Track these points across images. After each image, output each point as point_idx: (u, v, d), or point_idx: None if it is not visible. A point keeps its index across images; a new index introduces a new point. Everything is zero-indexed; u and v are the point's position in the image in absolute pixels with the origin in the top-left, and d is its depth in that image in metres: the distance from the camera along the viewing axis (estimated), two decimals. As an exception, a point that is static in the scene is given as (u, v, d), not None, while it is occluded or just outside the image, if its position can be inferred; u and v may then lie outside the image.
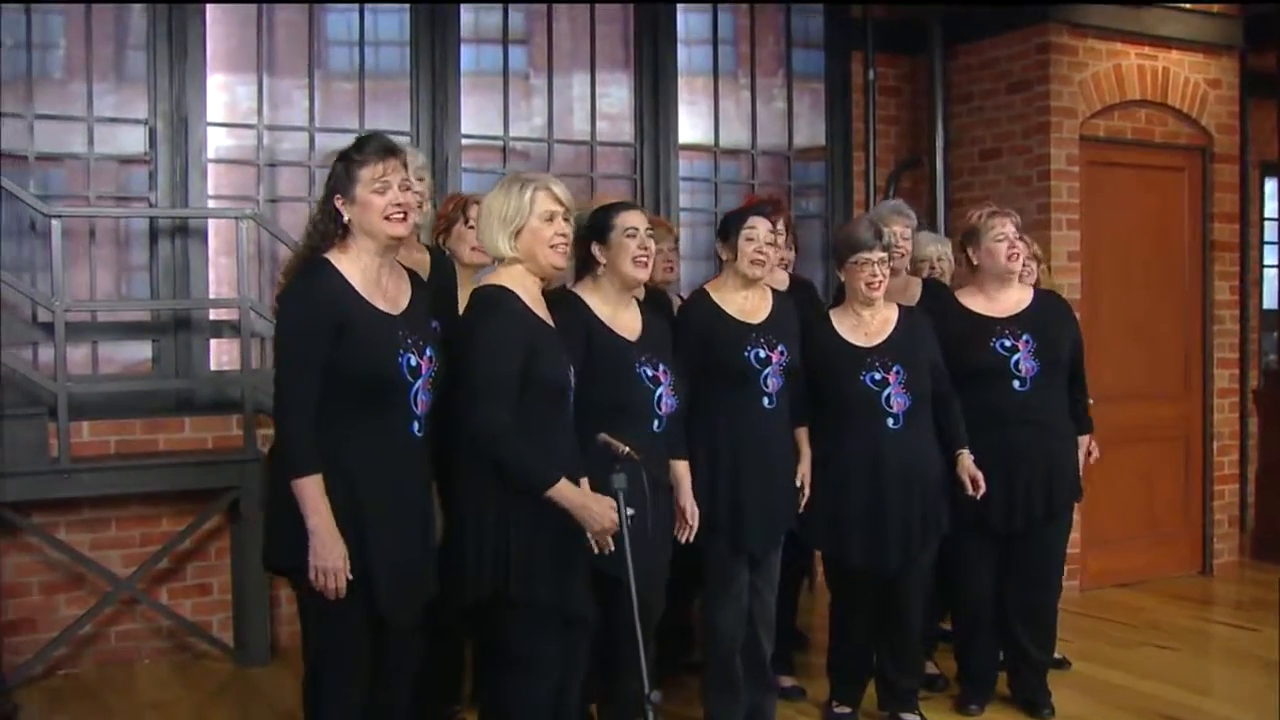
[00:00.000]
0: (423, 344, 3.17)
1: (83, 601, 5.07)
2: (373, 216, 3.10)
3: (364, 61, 5.68)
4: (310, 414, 3.01)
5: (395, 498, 3.10)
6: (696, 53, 6.44)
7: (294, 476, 2.99)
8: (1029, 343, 4.38)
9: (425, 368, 3.15)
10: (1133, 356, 6.48)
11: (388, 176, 3.11)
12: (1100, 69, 6.29)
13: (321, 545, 2.98)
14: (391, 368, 3.08)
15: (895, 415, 4.19)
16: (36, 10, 5.13)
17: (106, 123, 5.26)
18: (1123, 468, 6.45)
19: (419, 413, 3.15)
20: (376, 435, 3.08)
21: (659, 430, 3.72)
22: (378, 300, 3.14)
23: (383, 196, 3.10)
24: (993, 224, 4.44)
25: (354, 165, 3.12)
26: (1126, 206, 6.47)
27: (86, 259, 5.24)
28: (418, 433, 3.16)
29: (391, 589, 3.08)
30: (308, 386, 3.01)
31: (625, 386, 3.65)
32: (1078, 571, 6.30)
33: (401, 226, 3.14)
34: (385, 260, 3.19)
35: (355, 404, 3.06)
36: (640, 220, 3.75)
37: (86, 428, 5.07)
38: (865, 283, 4.23)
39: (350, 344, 3.03)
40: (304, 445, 3.00)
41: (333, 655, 3.15)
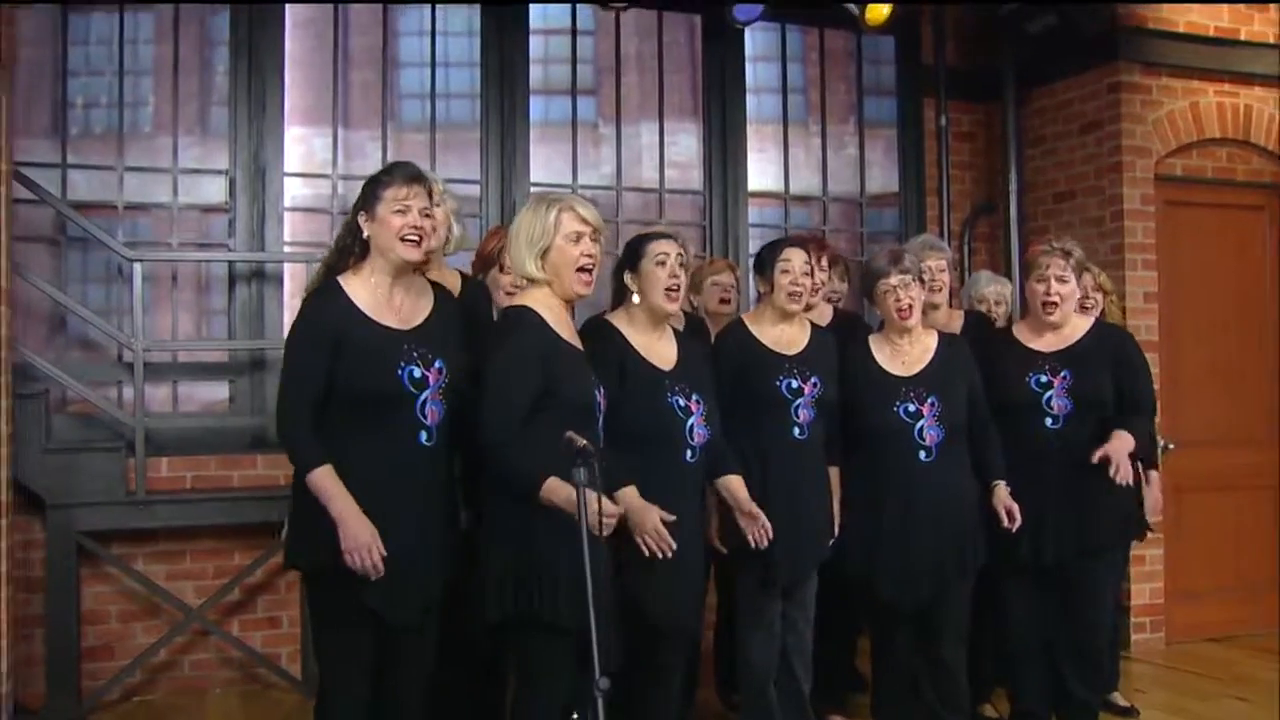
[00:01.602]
0: (431, 357, 3.29)
1: (158, 630, 5.27)
2: (388, 236, 3.27)
3: (435, 113, 5.90)
4: (307, 418, 3.19)
5: (395, 503, 3.21)
6: (766, 101, 6.53)
7: (305, 472, 3.16)
8: (1066, 379, 4.28)
9: (434, 379, 3.27)
10: (1216, 401, 6.29)
11: (409, 200, 3.28)
12: (1175, 107, 6.19)
13: (348, 528, 3.12)
14: (389, 381, 3.22)
15: (928, 448, 4.16)
16: (129, 72, 5.46)
17: (190, 173, 5.55)
18: (1209, 517, 6.27)
19: (429, 423, 3.27)
20: (381, 445, 3.22)
21: (691, 460, 3.75)
22: (386, 318, 3.29)
23: (402, 218, 3.27)
24: (1039, 262, 4.38)
25: (380, 185, 3.31)
26: (1207, 247, 6.32)
27: (169, 303, 5.51)
28: (426, 442, 3.28)
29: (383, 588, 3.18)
30: (304, 394, 3.20)
31: (656, 416, 3.70)
32: (1162, 624, 6.11)
33: (414, 251, 3.29)
34: (399, 281, 3.34)
35: (359, 416, 3.22)
36: (671, 249, 3.80)
37: (165, 463, 5.31)
38: (895, 309, 4.22)
39: (348, 360, 3.20)
40: (306, 443, 3.18)
41: (337, 655, 3.28)
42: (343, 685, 3.28)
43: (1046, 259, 4.36)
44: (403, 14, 5.89)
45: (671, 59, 6.34)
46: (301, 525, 3.28)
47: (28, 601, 5.03)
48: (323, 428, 3.20)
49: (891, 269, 4.23)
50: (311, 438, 3.18)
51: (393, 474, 3.22)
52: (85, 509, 4.99)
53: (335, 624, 3.27)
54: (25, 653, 5.00)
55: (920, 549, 4.15)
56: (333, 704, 3.31)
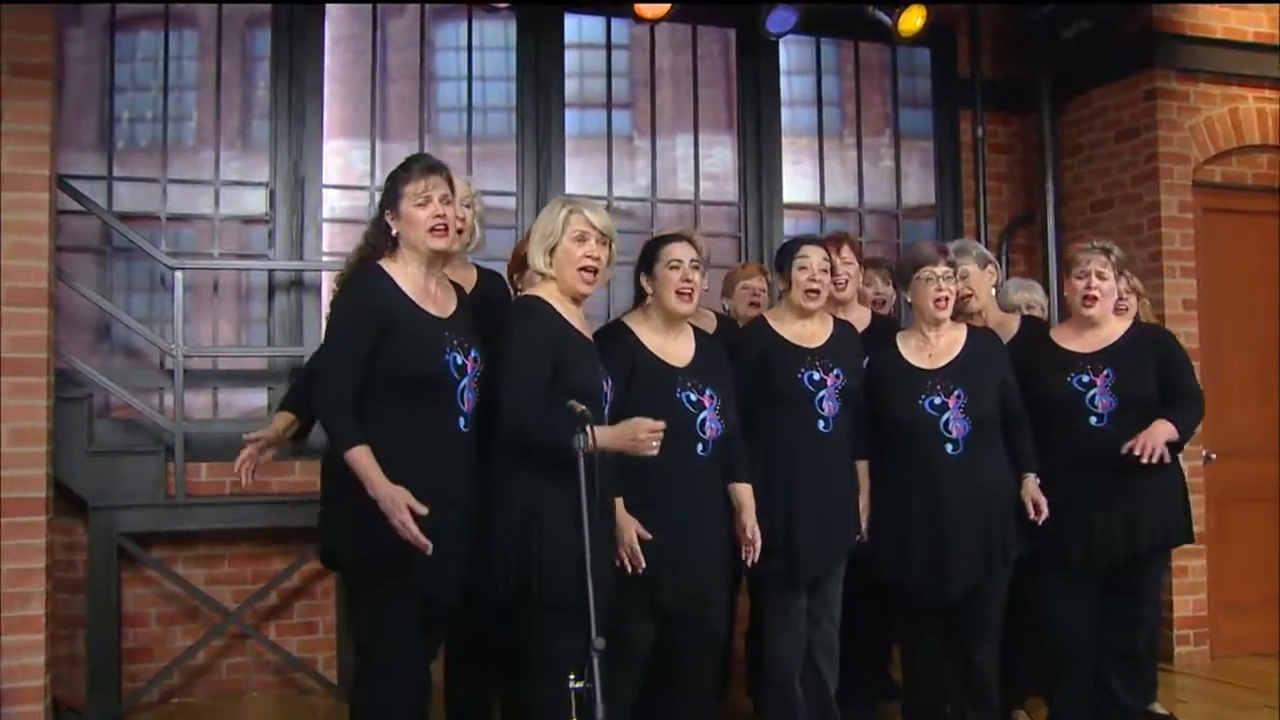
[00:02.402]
0: (468, 346, 3.39)
1: (197, 633, 5.35)
2: (417, 230, 3.36)
3: (471, 126, 6.00)
4: (349, 400, 3.25)
5: (439, 487, 3.26)
6: (801, 114, 6.57)
7: (344, 451, 3.21)
8: (1109, 377, 4.24)
9: (471, 367, 3.37)
10: (1260, 411, 6.19)
11: (429, 191, 3.37)
12: (1214, 113, 6.14)
13: (388, 501, 3.15)
14: (437, 366, 3.30)
15: (955, 441, 4.13)
16: (173, 87, 5.62)
17: (231, 185, 5.68)
18: (1254, 528, 6.16)
19: (466, 410, 3.36)
20: (424, 429, 3.30)
21: (704, 454, 3.78)
22: (427, 305, 3.38)
23: (424, 210, 3.36)
24: (1079, 260, 4.37)
25: (400, 182, 3.41)
26: (1248, 255, 6.23)
27: (210, 312, 5.63)
28: (464, 428, 3.36)
29: (430, 567, 3.22)
30: (348, 377, 3.26)
31: (665, 410, 3.68)
32: (1206, 636, 5.98)
33: (442, 240, 3.38)
34: (432, 271, 3.43)
35: (404, 401, 3.29)
36: (685, 252, 3.86)
37: (204, 469, 5.41)
38: (932, 299, 4.21)
39: (398, 344, 3.28)
40: (347, 424, 3.23)
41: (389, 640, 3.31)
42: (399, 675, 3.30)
43: (1086, 255, 4.35)
44: (440, 29, 6.01)
45: (706, 72, 6.40)
46: (339, 517, 3.33)
47: (70, 603, 5.13)
48: (364, 409, 3.25)
49: (939, 258, 4.24)
50: (351, 419, 3.23)
51: (435, 458, 3.30)
52: (126, 511, 5.10)
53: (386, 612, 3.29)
54: (68, 653, 5.11)
55: (948, 544, 4.10)
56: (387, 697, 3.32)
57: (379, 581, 3.27)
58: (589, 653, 2.76)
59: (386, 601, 3.28)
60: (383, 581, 3.26)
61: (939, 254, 4.25)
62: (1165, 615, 5.86)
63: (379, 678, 3.31)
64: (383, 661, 3.31)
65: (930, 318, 4.25)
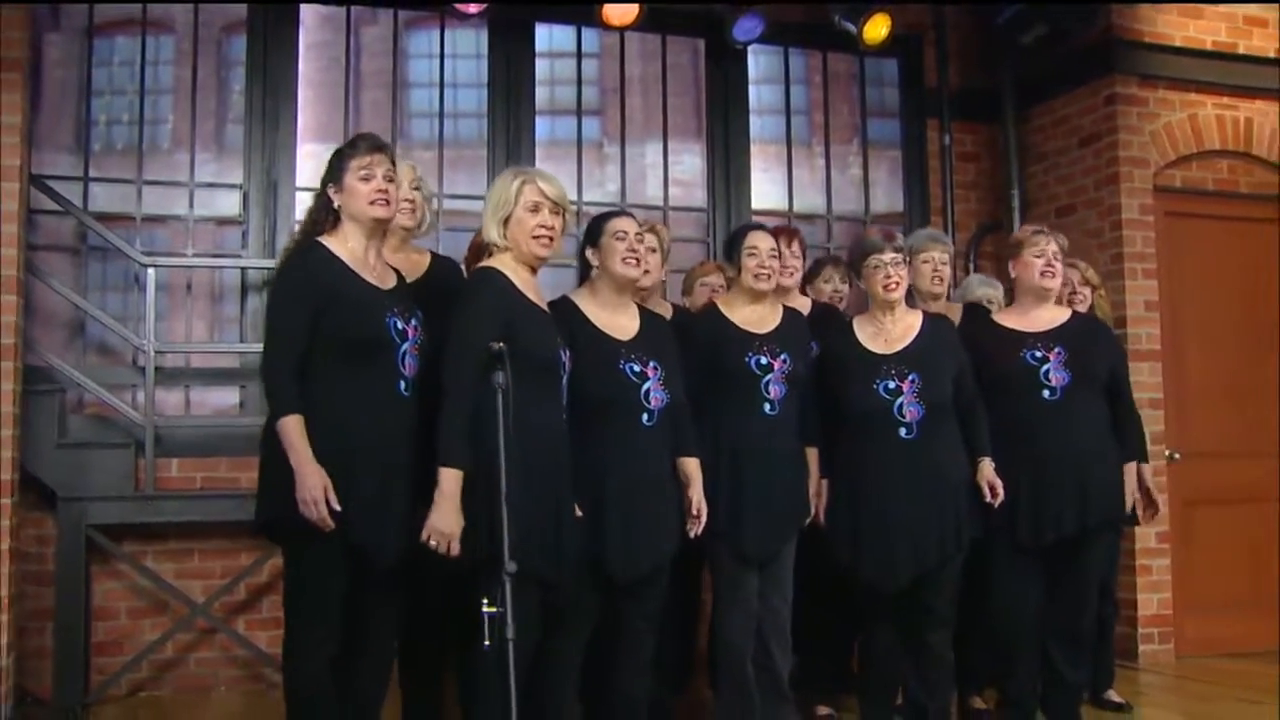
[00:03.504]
0: (408, 314, 3.47)
1: (165, 628, 5.40)
2: (358, 201, 3.46)
3: (443, 132, 6.11)
4: (290, 369, 3.32)
5: (377, 446, 3.35)
6: (769, 122, 6.68)
7: (279, 417, 3.29)
8: (1060, 354, 4.32)
9: (412, 334, 3.46)
10: (1225, 413, 6.25)
11: (373, 168, 3.47)
12: (1173, 119, 6.25)
13: (303, 477, 3.23)
14: (378, 327, 3.39)
15: (908, 425, 4.18)
16: (150, 91, 5.75)
17: (206, 188, 5.78)
18: (1220, 529, 6.21)
19: (407, 374, 3.44)
20: (366, 391, 3.37)
21: (650, 424, 3.85)
22: (367, 275, 3.47)
23: (367, 184, 3.46)
24: (1035, 240, 4.46)
25: (345, 157, 3.51)
26: (1211, 258, 6.32)
27: (183, 311, 5.72)
28: (404, 392, 3.43)
29: (369, 524, 3.30)
30: (292, 344, 3.33)
31: (610, 381, 3.82)
32: (1171, 635, 6.01)
33: (384, 210, 3.48)
34: (372, 245, 3.52)
35: (345, 364, 3.36)
36: (630, 225, 3.95)
37: (175, 464, 5.49)
38: (882, 285, 4.28)
39: (339, 310, 3.36)
40: (286, 392, 3.31)
41: (312, 603, 3.37)
42: (317, 639, 3.37)
43: (1043, 238, 4.45)
44: (412, 37, 6.15)
45: (675, 80, 6.52)
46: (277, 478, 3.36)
47: (40, 596, 5.19)
48: (309, 377, 3.33)
49: (886, 245, 4.33)
50: (293, 387, 3.31)
51: (377, 419, 3.37)
52: (95, 503, 5.16)
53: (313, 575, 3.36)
54: (38, 645, 5.16)
55: (901, 528, 4.15)
56: (303, 658, 3.40)
57: (312, 547, 3.32)
58: (501, 576, 2.80)
59: (318, 567, 3.33)
60: (316, 548, 3.31)
61: (886, 241, 4.34)
62: (1130, 614, 5.92)
63: (300, 644, 3.39)
64: (306, 625, 3.37)
65: (883, 303, 4.32)
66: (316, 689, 3.40)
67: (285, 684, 3.50)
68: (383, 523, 3.34)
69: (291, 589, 3.49)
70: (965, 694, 4.87)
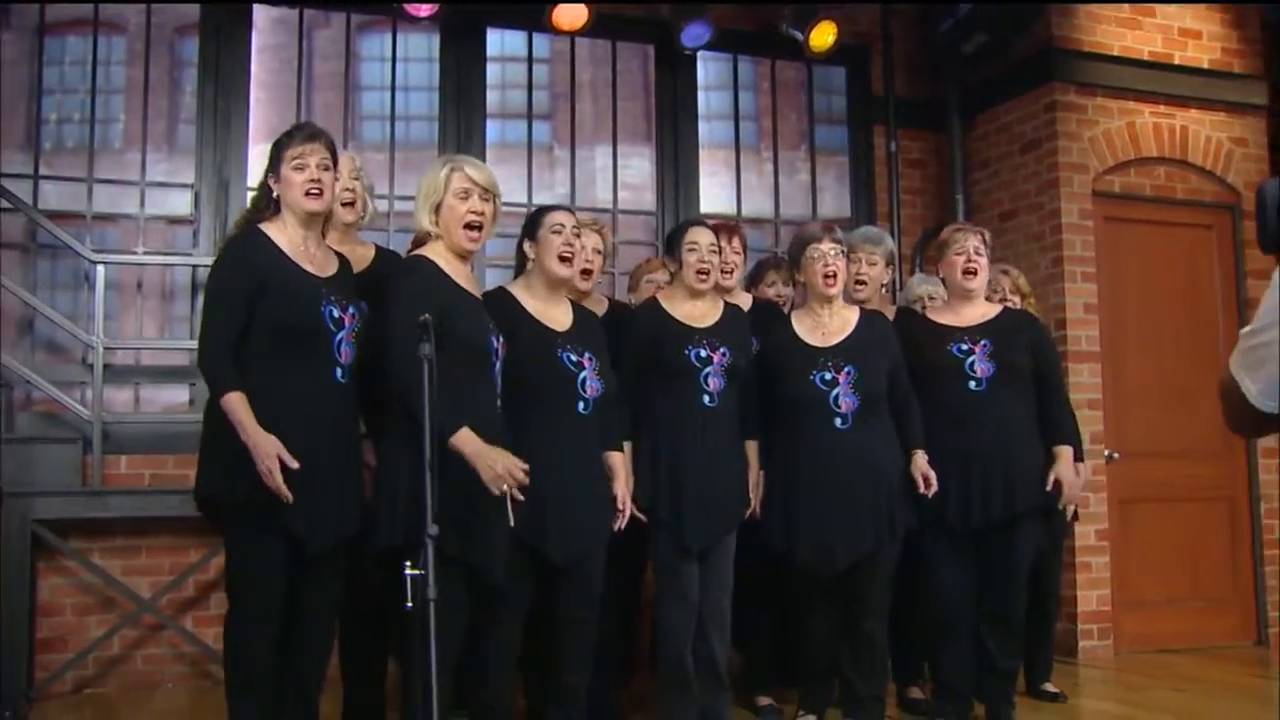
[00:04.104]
0: (345, 302, 3.53)
1: (112, 624, 5.39)
2: (293, 191, 3.53)
3: (394, 134, 6.17)
4: (226, 350, 3.38)
5: (312, 431, 3.40)
6: (718, 127, 6.78)
7: (221, 396, 3.35)
8: (986, 346, 4.43)
9: (348, 322, 3.51)
10: (1164, 414, 6.37)
11: (307, 158, 3.54)
12: (1112, 126, 6.39)
13: (257, 447, 3.29)
14: (314, 315, 3.45)
15: (844, 415, 4.28)
16: (101, 91, 5.78)
17: (157, 187, 5.82)
18: (1159, 527, 6.33)
19: (343, 361, 3.50)
20: (302, 378, 3.43)
21: (585, 411, 3.93)
22: (304, 263, 3.53)
23: (301, 174, 3.53)
24: (956, 239, 4.56)
25: (281, 147, 3.58)
26: (1150, 262, 6.46)
27: (134, 310, 5.75)
28: (341, 379, 3.50)
29: (302, 509, 3.35)
30: (228, 327, 3.40)
31: (547, 370, 3.89)
32: (1110, 631, 6.12)
33: (316, 202, 3.55)
34: (310, 233, 3.58)
35: (281, 351, 3.42)
36: (567, 219, 4.03)
37: (124, 461, 5.51)
38: (821, 275, 4.38)
39: (274, 296, 3.42)
40: (224, 371, 3.37)
41: (249, 584, 3.43)
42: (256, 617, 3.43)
43: (964, 235, 4.55)
44: (365, 40, 6.21)
45: (625, 86, 6.61)
46: (216, 458, 3.45)
47: (-17, 591, 5.20)
48: (245, 362, 3.39)
49: (824, 236, 4.42)
50: (229, 365, 3.38)
51: (311, 405, 3.44)
52: (41, 498, 5.16)
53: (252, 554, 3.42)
54: (-20, 641, 5.17)
55: (836, 515, 4.24)
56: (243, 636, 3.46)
57: (250, 525, 3.38)
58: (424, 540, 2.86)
59: (256, 546, 3.39)
60: (254, 525, 3.37)
61: (825, 232, 4.43)
62: (1070, 611, 6.02)
63: (240, 622, 3.44)
64: (245, 605, 3.43)
65: (821, 294, 4.41)
66: (257, 668, 3.45)
67: (225, 662, 3.57)
68: (316, 507, 3.39)
69: (231, 571, 3.55)
70: (903, 684, 4.96)
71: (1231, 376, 1.97)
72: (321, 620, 3.62)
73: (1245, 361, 1.95)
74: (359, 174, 4.11)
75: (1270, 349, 1.88)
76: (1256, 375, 1.91)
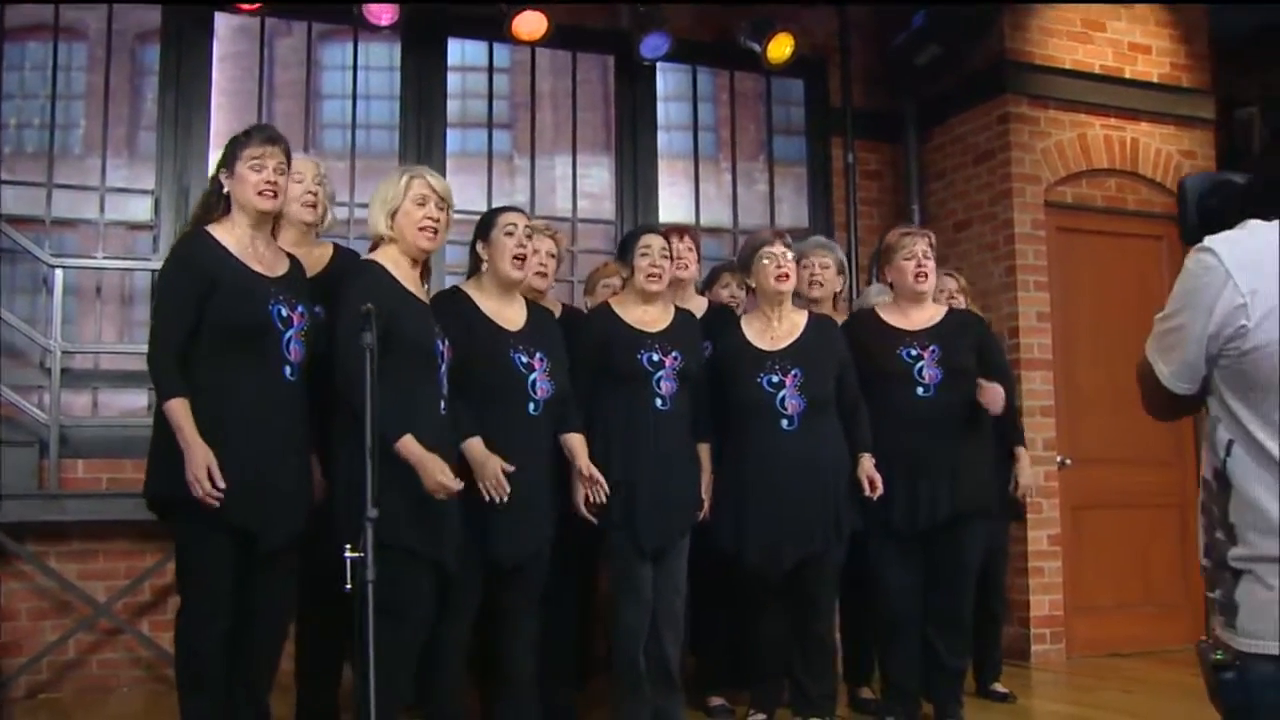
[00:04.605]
0: (295, 300, 3.56)
1: (68, 628, 5.38)
2: (246, 190, 3.56)
3: (355, 143, 6.22)
4: (173, 354, 3.42)
5: (262, 429, 3.45)
6: (677, 138, 6.85)
7: (162, 401, 3.40)
8: (934, 352, 4.51)
9: (297, 320, 3.56)
10: (1116, 421, 6.43)
11: (265, 159, 3.58)
12: (1064, 138, 6.50)
13: (191, 455, 3.33)
14: (262, 314, 3.49)
15: (790, 417, 4.35)
16: (62, 97, 5.81)
17: (117, 192, 5.84)
18: (1110, 533, 6.41)
19: (292, 360, 3.54)
20: (250, 376, 3.47)
21: (535, 413, 3.99)
22: (252, 263, 3.56)
23: (257, 174, 3.56)
24: (904, 243, 4.64)
25: (239, 145, 3.61)
26: (1102, 271, 6.56)
27: (93, 315, 5.77)
28: (290, 377, 3.54)
29: (250, 506, 3.39)
30: (176, 330, 3.44)
31: (499, 370, 3.95)
32: (1062, 635, 6.19)
33: (269, 203, 3.59)
34: (260, 233, 3.62)
35: (231, 350, 3.46)
36: (519, 220, 4.10)
37: (81, 465, 5.51)
38: (773, 277, 4.44)
39: (223, 297, 3.46)
40: (170, 376, 3.42)
41: (199, 582, 3.46)
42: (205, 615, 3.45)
43: (911, 239, 4.63)
44: (326, 49, 6.26)
45: (585, 96, 6.68)
46: (165, 457, 3.48)
47: (-62, 596, 5.19)
48: (194, 361, 3.44)
49: (775, 240, 4.50)
50: (176, 371, 3.42)
51: (260, 403, 3.48)
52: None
53: (200, 552, 3.45)
54: (-65, 646, 5.16)
55: (783, 517, 4.31)
56: (194, 634, 3.48)
57: (200, 522, 3.40)
58: (364, 523, 2.91)
59: (205, 543, 3.43)
60: (203, 523, 3.40)
61: (776, 237, 4.51)
62: (1022, 615, 6.10)
63: (190, 620, 3.47)
64: (195, 603, 3.46)
65: (772, 296, 4.48)
66: (207, 666, 3.47)
67: (175, 661, 3.59)
68: (266, 505, 3.43)
69: (180, 567, 3.58)
70: (854, 684, 5.01)
71: (1147, 360, 2.05)
72: (273, 619, 3.64)
73: (1158, 345, 2.03)
74: (322, 180, 4.15)
75: (1180, 333, 1.97)
76: (1169, 358, 1.99)
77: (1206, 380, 2.00)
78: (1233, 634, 1.94)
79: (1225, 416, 1.96)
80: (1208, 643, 2.04)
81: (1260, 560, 1.90)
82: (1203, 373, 1.98)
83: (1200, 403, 2.05)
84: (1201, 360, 1.95)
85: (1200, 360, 1.95)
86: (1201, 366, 1.97)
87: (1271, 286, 1.87)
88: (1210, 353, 1.94)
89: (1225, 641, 1.97)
